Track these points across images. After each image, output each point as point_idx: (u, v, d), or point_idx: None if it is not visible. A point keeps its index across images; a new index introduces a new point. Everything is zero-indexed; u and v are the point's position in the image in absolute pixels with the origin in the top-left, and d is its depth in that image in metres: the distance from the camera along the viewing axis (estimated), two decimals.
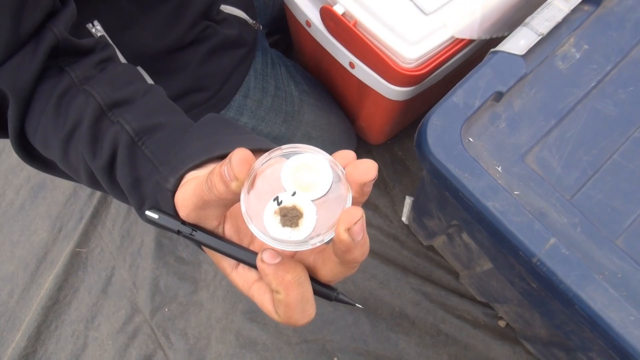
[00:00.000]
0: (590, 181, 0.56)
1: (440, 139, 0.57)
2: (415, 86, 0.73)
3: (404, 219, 1.06)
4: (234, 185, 0.28)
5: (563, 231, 0.54)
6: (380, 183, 1.11)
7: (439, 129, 0.58)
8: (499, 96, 0.60)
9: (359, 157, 0.30)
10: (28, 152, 0.48)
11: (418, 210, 0.91)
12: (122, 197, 0.43)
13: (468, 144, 0.58)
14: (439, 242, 0.95)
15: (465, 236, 0.76)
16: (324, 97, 0.96)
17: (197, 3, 0.64)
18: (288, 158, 0.30)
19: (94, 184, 0.44)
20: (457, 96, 0.59)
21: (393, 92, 0.74)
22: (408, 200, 1.05)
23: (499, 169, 0.57)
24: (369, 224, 1.07)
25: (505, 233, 0.53)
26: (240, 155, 0.28)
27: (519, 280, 0.65)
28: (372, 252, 1.06)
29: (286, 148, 0.31)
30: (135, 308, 1.06)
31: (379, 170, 1.14)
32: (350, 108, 0.98)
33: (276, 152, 0.31)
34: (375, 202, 1.10)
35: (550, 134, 0.59)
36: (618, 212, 0.55)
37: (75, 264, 1.09)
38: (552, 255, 0.51)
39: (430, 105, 0.60)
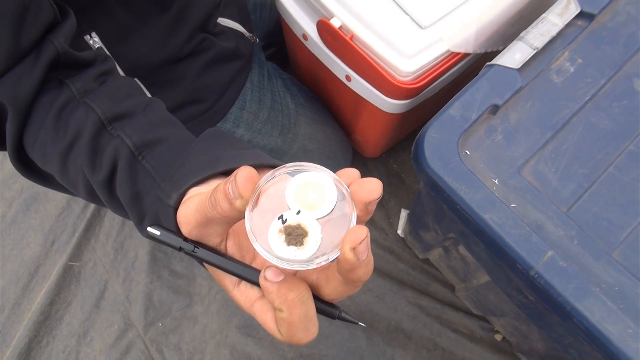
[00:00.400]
0: (587, 194, 0.57)
1: (437, 151, 0.57)
2: (412, 99, 0.73)
3: (399, 231, 1.06)
4: (238, 203, 0.28)
5: (560, 244, 0.54)
6: None
7: (436, 141, 0.58)
8: (495, 109, 0.60)
9: None
10: (26, 165, 0.48)
11: (414, 223, 0.91)
12: (121, 212, 0.42)
13: (465, 157, 0.58)
14: (435, 255, 0.95)
15: (462, 249, 0.76)
16: (320, 109, 0.97)
17: (194, 16, 0.64)
18: (292, 176, 0.30)
19: (92, 197, 0.44)
20: (454, 109, 0.59)
21: (389, 105, 0.74)
22: (404, 213, 1.05)
23: (496, 182, 0.57)
24: None
25: (502, 245, 0.53)
26: (245, 173, 0.28)
27: (516, 293, 0.65)
28: None
29: (290, 166, 0.31)
30: (129, 323, 1.05)
31: None
32: (347, 121, 0.99)
33: (280, 170, 0.31)
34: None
35: (546, 147, 0.59)
36: (614, 224, 0.55)
37: (67, 278, 1.08)
38: (550, 267, 0.51)
39: (426, 119, 0.61)
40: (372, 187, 0.29)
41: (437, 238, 0.81)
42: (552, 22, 0.63)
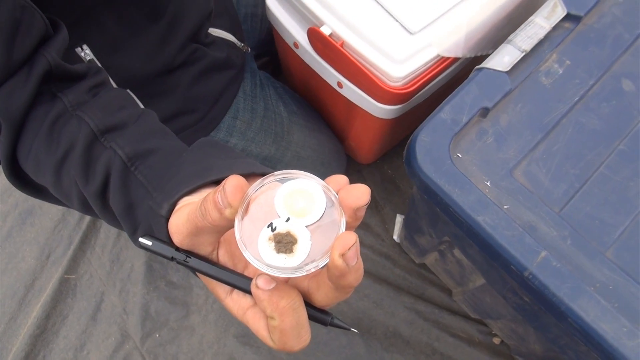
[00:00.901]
0: (578, 194, 0.57)
1: (429, 155, 0.58)
2: (403, 104, 0.74)
3: (395, 237, 1.06)
4: (227, 212, 0.29)
5: (553, 244, 0.54)
6: (370, 202, 1.11)
7: (428, 145, 0.58)
8: (485, 112, 0.60)
9: (349, 176, 0.31)
10: (19, 178, 0.48)
11: (409, 227, 0.91)
12: (115, 222, 0.42)
13: (457, 160, 0.59)
14: (430, 259, 0.95)
15: (457, 252, 0.76)
16: (313, 117, 0.97)
17: (186, 26, 0.65)
18: (281, 184, 0.31)
19: (86, 209, 0.44)
20: (445, 113, 0.60)
21: (381, 110, 0.75)
22: (399, 219, 1.05)
23: (488, 184, 0.57)
24: (360, 243, 1.07)
25: (496, 247, 0.53)
26: (234, 182, 0.28)
27: (511, 295, 0.65)
28: (365, 272, 1.04)
29: (279, 174, 0.31)
30: (126, 334, 1.04)
31: (370, 189, 1.14)
32: (340, 127, 0.99)
33: (269, 179, 0.31)
34: (367, 221, 1.10)
35: (537, 148, 0.59)
36: (607, 224, 0.55)
37: (64, 290, 1.08)
38: (544, 268, 0.51)
39: (418, 123, 0.61)
40: (360, 194, 0.29)
41: (432, 242, 0.82)
42: (539, 25, 0.63)
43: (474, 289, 0.81)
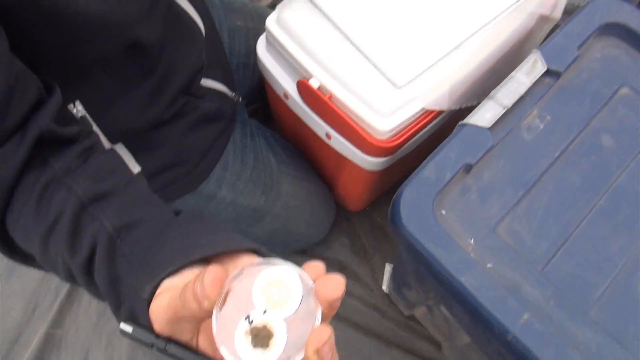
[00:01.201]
0: (560, 251, 0.57)
1: (413, 213, 0.58)
2: (390, 156, 0.74)
3: (384, 287, 1.05)
4: (206, 304, 0.29)
5: (536, 304, 0.53)
6: (360, 251, 1.10)
7: (412, 203, 0.58)
8: (468, 168, 0.61)
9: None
10: (7, 244, 0.47)
11: (397, 280, 0.91)
12: (100, 296, 0.42)
13: (441, 217, 0.59)
14: (419, 312, 0.94)
15: (443, 309, 0.75)
16: (303, 166, 0.97)
17: (178, 79, 0.65)
18: (259, 272, 0.31)
19: (72, 280, 0.43)
20: (429, 169, 0.60)
21: (368, 162, 0.75)
22: (388, 268, 1.04)
23: (472, 242, 0.57)
24: (349, 294, 1.06)
25: (479, 309, 0.52)
26: (212, 275, 0.29)
27: (497, 356, 0.64)
28: (354, 324, 1.04)
29: (257, 263, 0.32)
30: None
31: (359, 238, 1.13)
32: (329, 176, 1.00)
33: (247, 268, 0.32)
34: (356, 270, 1.08)
35: (519, 205, 0.60)
36: (588, 282, 0.55)
37: (48, 346, 1.05)
38: (527, 331, 0.51)
39: (407, 172, 0.61)
40: (335, 286, 0.30)
41: (419, 297, 0.81)
42: (519, 81, 0.64)
43: (461, 346, 0.80)
